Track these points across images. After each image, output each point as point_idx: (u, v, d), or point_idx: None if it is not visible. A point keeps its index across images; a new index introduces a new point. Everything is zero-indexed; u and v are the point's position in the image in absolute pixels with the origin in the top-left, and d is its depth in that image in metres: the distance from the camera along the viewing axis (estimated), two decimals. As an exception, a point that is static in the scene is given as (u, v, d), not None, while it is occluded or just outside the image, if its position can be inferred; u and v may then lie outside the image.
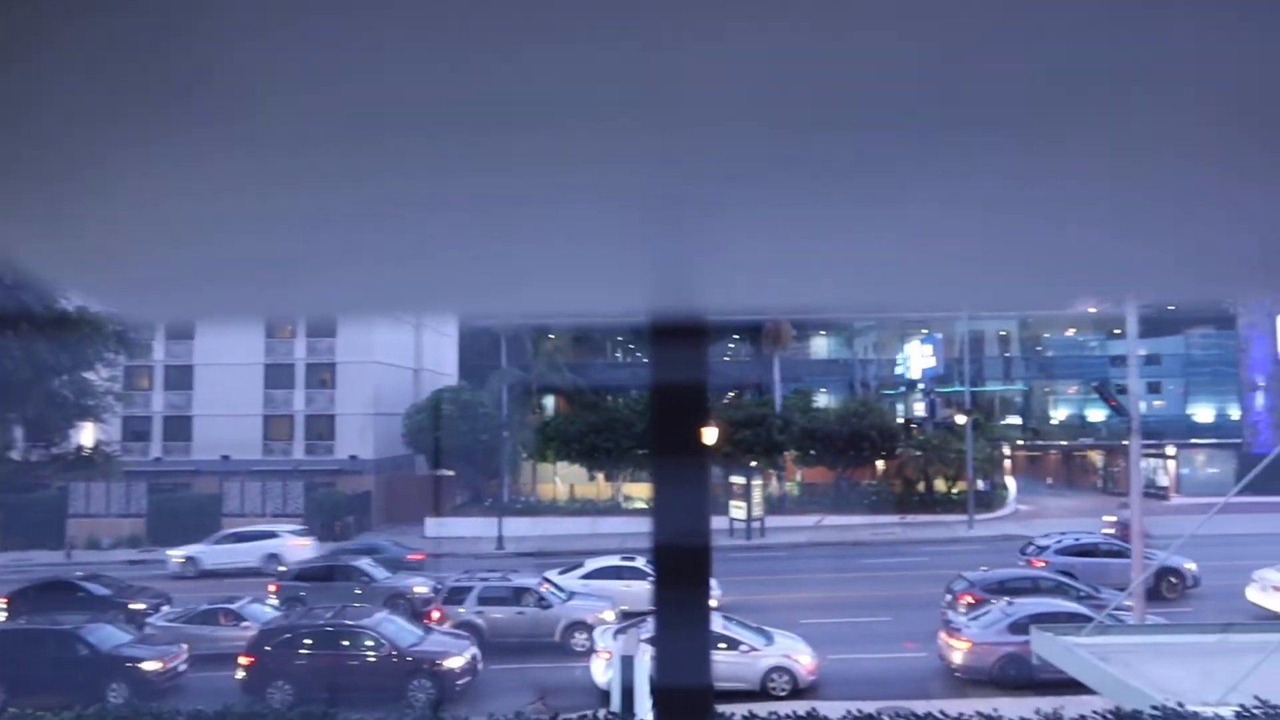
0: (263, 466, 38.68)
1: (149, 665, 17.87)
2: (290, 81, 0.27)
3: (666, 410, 0.53)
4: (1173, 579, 22.90)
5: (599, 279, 0.45)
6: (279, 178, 0.33)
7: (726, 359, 44.14)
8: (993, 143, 0.31)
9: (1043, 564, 23.87)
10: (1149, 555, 22.94)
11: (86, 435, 30.62)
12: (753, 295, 0.50)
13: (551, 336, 41.81)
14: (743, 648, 16.92)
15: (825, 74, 0.27)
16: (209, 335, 39.23)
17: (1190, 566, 22.97)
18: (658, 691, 0.51)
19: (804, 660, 17.08)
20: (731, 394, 41.63)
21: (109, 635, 18.63)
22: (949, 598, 20.65)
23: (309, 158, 0.31)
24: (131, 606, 22.53)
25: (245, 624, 19.86)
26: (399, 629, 18.33)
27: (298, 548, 29.56)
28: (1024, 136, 0.31)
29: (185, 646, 18.83)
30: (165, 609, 22.46)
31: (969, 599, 19.89)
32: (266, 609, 21.57)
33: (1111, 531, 29.09)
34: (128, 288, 0.48)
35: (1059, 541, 25.20)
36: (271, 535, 30.70)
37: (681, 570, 0.52)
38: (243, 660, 17.43)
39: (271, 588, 24.01)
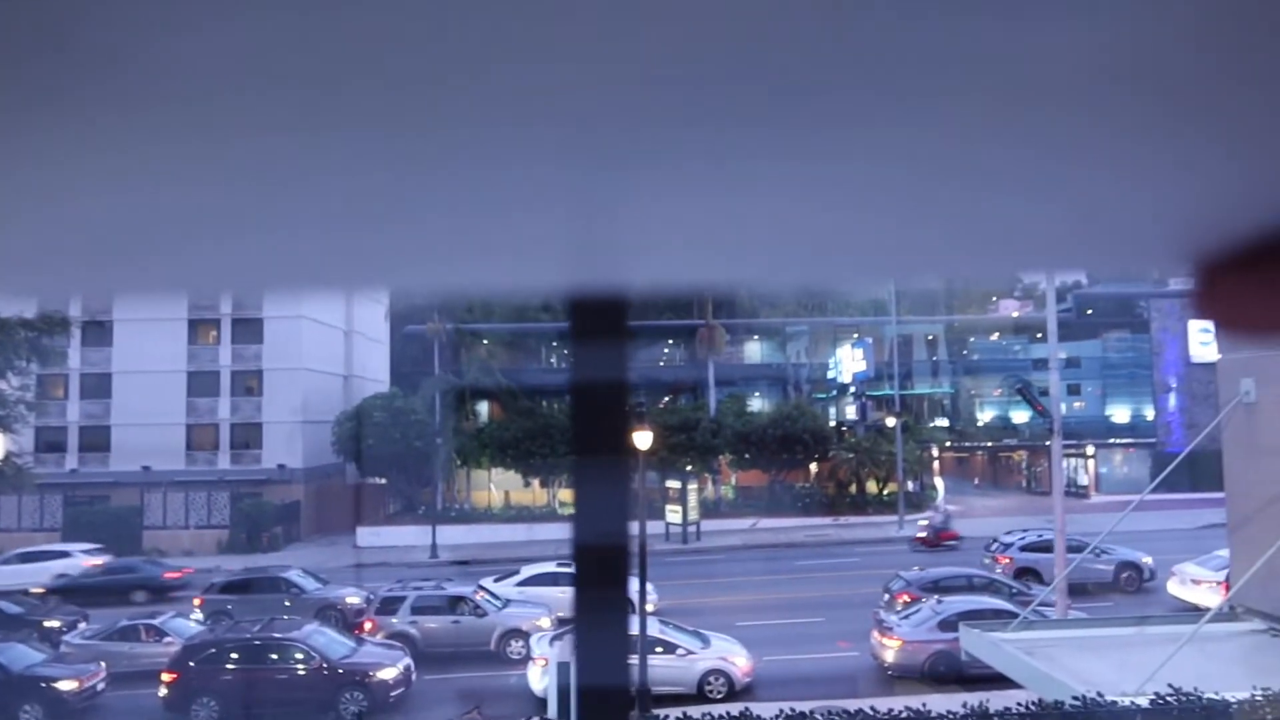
0: (186, 477, 37.52)
1: (64, 685, 17.17)
2: (168, 30, 0.26)
3: (588, 399, 0.52)
4: (1130, 573, 23.77)
5: (515, 249, 0.43)
6: (157, 142, 0.31)
7: (661, 363, 44.32)
8: (930, 106, 0.30)
9: (1007, 560, 24.33)
10: (1107, 550, 23.87)
11: (-3, 446, 29.36)
12: (679, 268, 0.48)
13: (485, 341, 41.48)
14: (679, 651, 16.97)
15: (752, 28, 0.26)
16: (128, 341, 37.97)
17: (1147, 560, 23.79)
18: (579, 693, 0.52)
19: (740, 662, 17.21)
20: (666, 398, 41.80)
21: (21, 655, 17.85)
22: (887, 596, 21.03)
23: (189, 120, 0.29)
24: (46, 624, 21.64)
25: (168, 639, 19.21)
26: (329, 641, 17.94)
27: (91, 567, 28.60)
28: (957, 99, 0.30)
29: (103, 664, 18.15)
30: (82, 626, 21.61)
31: (906, 597, 20.28)
32: (190, 623, 20.91)
33: (925, 535, 29.55)
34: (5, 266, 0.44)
35: (1023, 538, 25.64)
36: (63, 555, 29.65)
37: (602, 571, 0.52)
38: (165, 677, 16.86)
39: (196, 601, 23.30)
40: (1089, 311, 45.63)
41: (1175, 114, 0.31)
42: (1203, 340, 39.83)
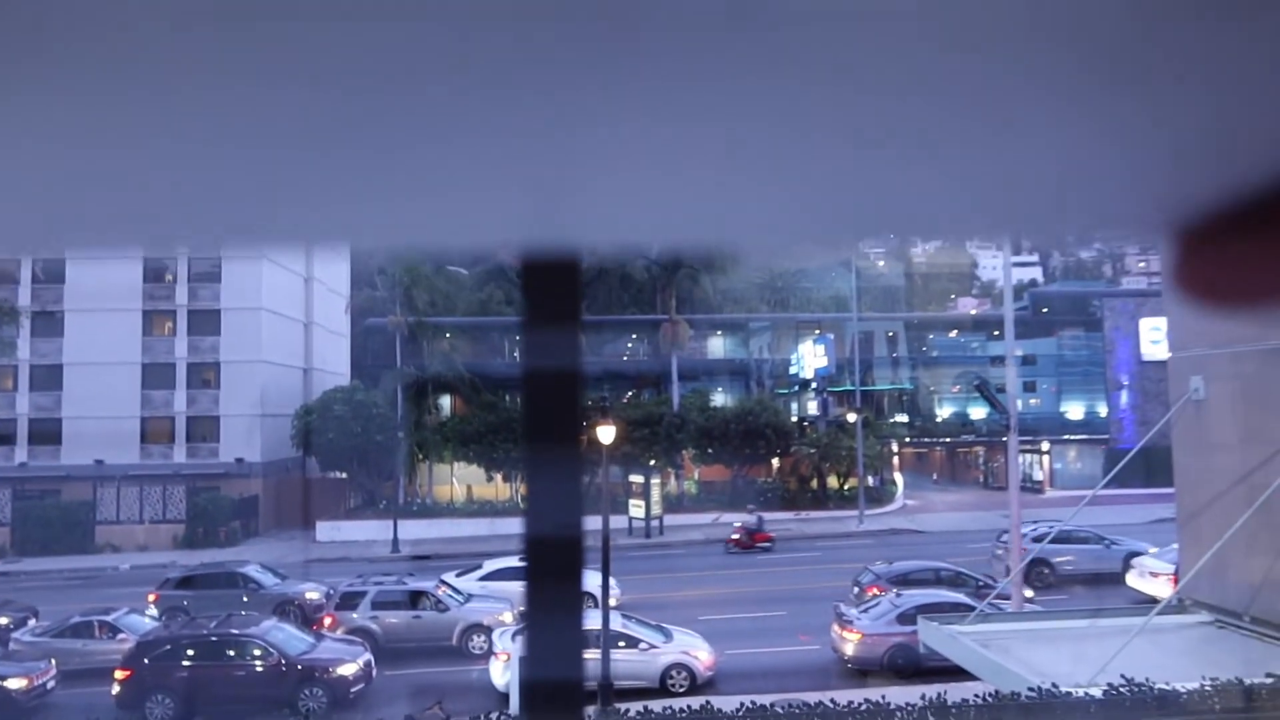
0: (140, 471, 36.83)
1: (12, 683, 16.81)
2: None
3: (539, 381, 0.51)
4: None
5: (468, 201, 0.42)
6: (109, 86, 0.30)
7: (624, 358, 44.35)
8: (890, 66, 0.30)
9: (1021, 552, 24.57)
10: (1115, 541, 24.23)
11: (-58, 439, 28.63)
12: (634, 226, 0.47)
13: (447, 335, 41.19)
14: (642, 645, 17.03)
15: None
16: (80, 332, 37.16)
17: (1154, 551, 24.21)
18: (529, 689, 0.51)
19: (702, 656, 17.30)
20: (630, 393, 41.84)
21: (-33, 653, 17.47)
22: (856, 589, 21.26)
23: (139, 67, 0.29)
24: (-8, 622, 21.18)
25: (122, 636, 18.88)
26: (288, 637, 17.75)
27: None
28: (919, 60, 0.29)
29: (53, 662, 17.78)
30: (31, 623, 21.15)
31: (876, 590, 20.51)
32: (145, 620, 20.56)
33: (738, 538, 29.48)
34: None
35: (1034, 529, 25.70)
36: None
37: (555, 564, 0.51)
38: (118, 674, 16.58)
39: (151, 597, 22.90)
40: (1044, 310, 46.45)
41: (1148, 69, 0.30)
42: (1154, 339, 40.73)
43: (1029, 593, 20.50)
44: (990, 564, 24.46)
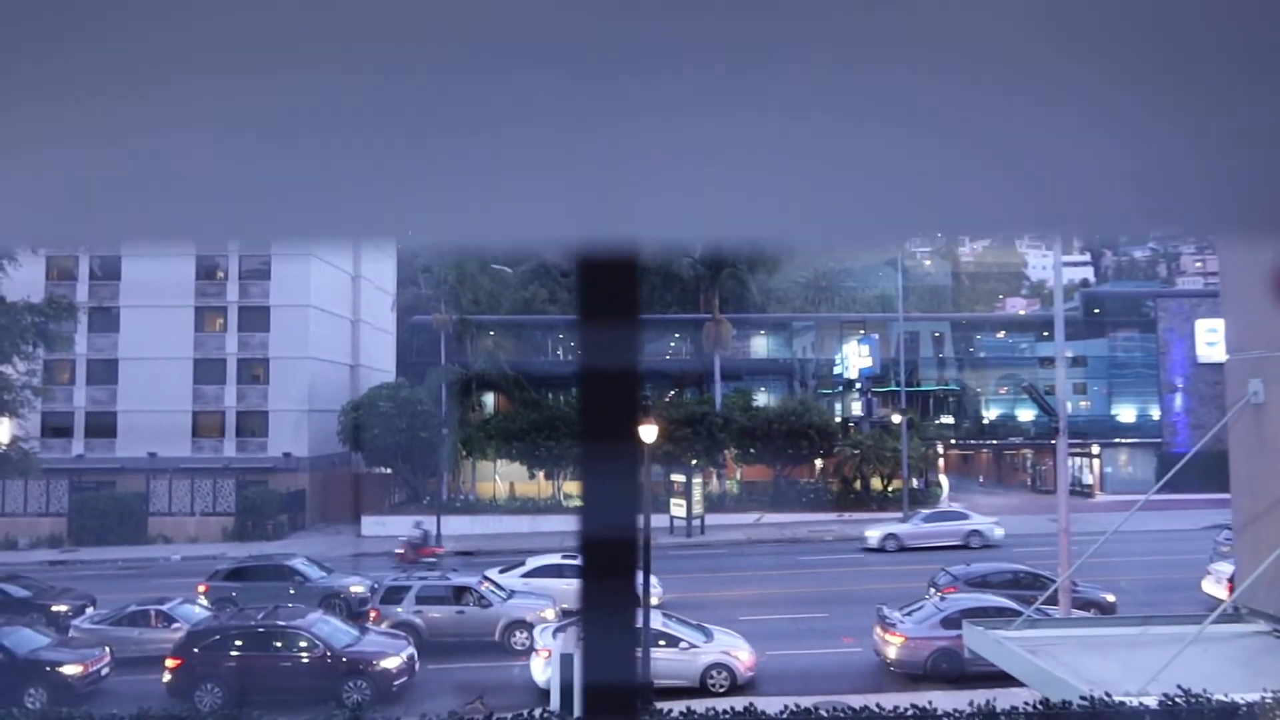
0: (191, 464, 37.65)
1: (69, 669, 17.26)
2: None
3: (597, 378, 0.49)
4: None
5: (525, 201, 0.42)
6: (181, 88, 0.30)
7: (667, 356, 44.31)
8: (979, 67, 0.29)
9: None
10: None
11: (2, 431, 29.49)
12: (687, 224, 0.45)
13: (491, 333, 41.50)
14: (682, 645, 17.00)
15: None
16: (135, 328, 38.08)
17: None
18: (585, 686, 0.50)
19: (743, 657, 17.22)
20: (672, 392, 41.79)
21: (26, 639, 17.95)
22: (933, 590, 21.02)
23: (201, 69, 0.29)
24: (53, 608, 21.76)
25: (176, 625, 19.30)
26: (333, 629, 17.99)
27: None
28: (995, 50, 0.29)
29: (108, 649, 18.23)
30: (89, 611, 21.71)
31: (953, 591, 20.27)
32: (197, 610, 21.00)
33: (403, 552, 27.96)
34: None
35: None
36: None
37: (609, 561, 0.50)
38: (169, 663, 16.94)
39: (201, 588, 23.39)
40: (1096, 310, 45.50)
41: (1227, 70, 0.29)
42: (1210, 340, 39.67)
43: (1111, 597, 20.14)
44: (1210, 558, 23.98)
